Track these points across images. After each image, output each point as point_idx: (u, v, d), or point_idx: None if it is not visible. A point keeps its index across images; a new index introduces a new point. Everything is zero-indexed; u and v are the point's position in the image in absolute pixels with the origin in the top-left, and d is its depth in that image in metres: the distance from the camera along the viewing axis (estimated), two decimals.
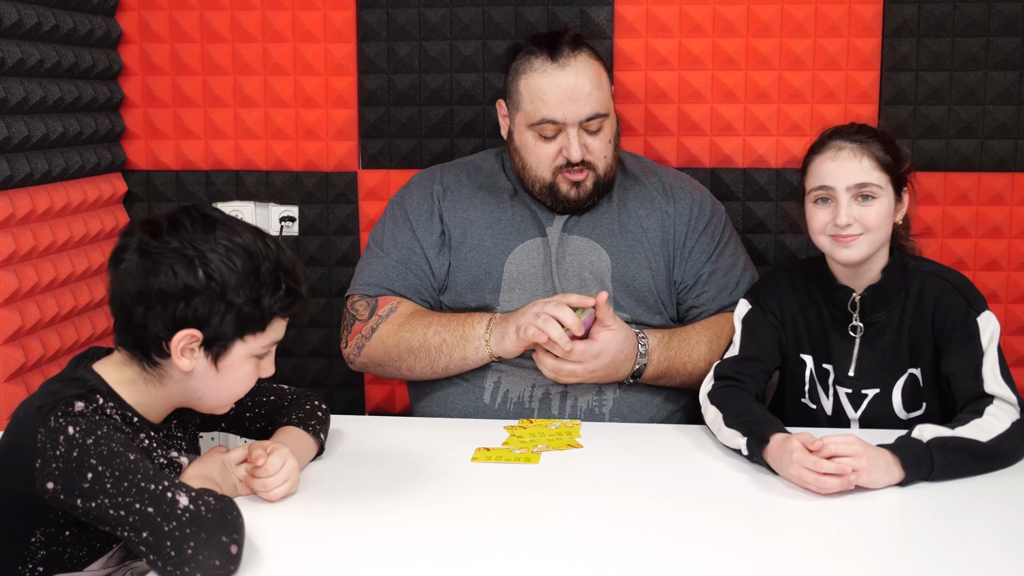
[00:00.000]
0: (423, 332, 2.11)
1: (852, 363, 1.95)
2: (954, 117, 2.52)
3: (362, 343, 2.17)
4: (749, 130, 2.57)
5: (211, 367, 1.51)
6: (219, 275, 1.45)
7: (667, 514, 1.60)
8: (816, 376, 1.99)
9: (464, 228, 2.22)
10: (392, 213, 2.29)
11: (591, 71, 2.13)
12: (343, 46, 2.62)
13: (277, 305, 1.50)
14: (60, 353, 2.36)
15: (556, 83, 2.11)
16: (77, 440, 1.38)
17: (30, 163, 2.26)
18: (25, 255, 2.24)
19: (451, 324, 2.10)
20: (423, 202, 2.25)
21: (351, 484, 1.69)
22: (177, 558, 1.32)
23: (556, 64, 2.12)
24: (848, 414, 1.96)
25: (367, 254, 2.28)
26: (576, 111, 2.11)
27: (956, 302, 1.89)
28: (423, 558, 1.44)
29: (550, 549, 1.47)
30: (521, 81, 2.15)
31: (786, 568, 1.42)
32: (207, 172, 2.70)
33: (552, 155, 2.14)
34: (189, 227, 1.47)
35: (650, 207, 2.25)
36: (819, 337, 1.99)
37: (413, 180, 2.33)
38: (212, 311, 1.46)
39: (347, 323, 2.21)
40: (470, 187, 2.27)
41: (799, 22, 2.52)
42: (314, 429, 1.75)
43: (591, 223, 2.22)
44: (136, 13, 2.64)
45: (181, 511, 1.34)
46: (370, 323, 2.16)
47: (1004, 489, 1.68)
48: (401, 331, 2.12)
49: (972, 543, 1.49)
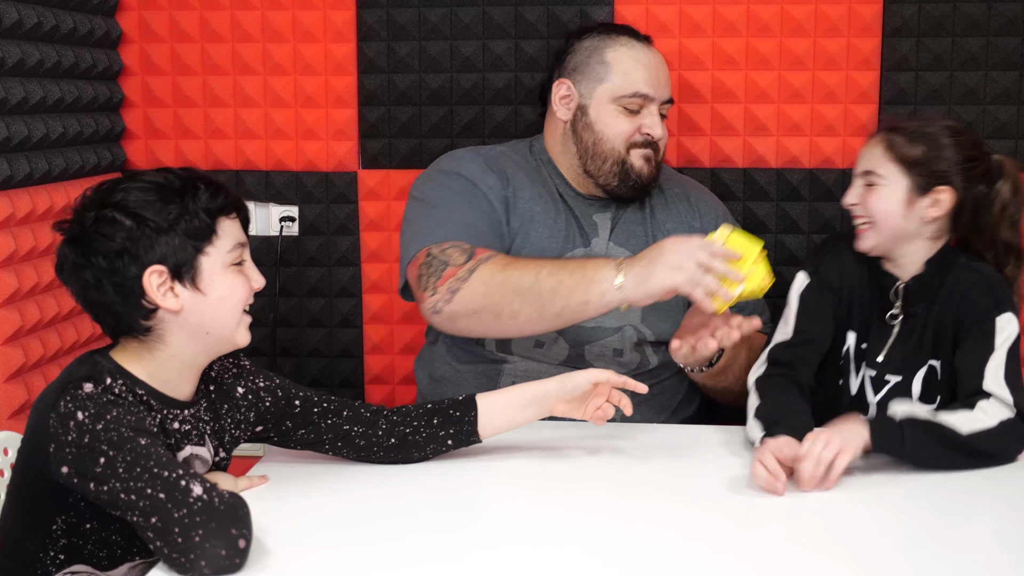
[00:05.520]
0: (535, 272, 1.92)
1: (885, 350, 1.96)
2: (954, 117, 2.51)
3: (457, 286, 1.95)
4: (749, 130, 2.57)
5: (196, 293, 1.51)
6: (145, 210, 1.48)
7: (667, 515, 1.60)
8: (853, 355, 1.99)
9: (525, 223, 2.13)
10: (450, 185, 2.13)
11: (663, 59, 2.19)
12: (343, 46, 2.62)
13: (206, 202, 1.52)
14: (60, 353, 2.36)
15: (648, 58, 2.15)
16: (87, 425, 1.39)
17: (30, 163, 2.26)
18: (25, 255, 2.24)
19: (568, 265, 1.93)
20: (489, 178, 2.14)
21: (354, 483, 1.69)
22: (184, 544, 1.32)
23: (643, 44, 2.16)
24: (868, 397, 1.97)
25: (432, 214, 2.09)
26: (661, 91, 2.15)
27: (982, 298, 1.88)
28: (427, 559, 1.44)
29: (554, 550, 1.47)
30: (607, 54, 2.14)
31: (785, 568, 1.42)
32: (207, 172, 2.69)
33: (630, 131, 2.13)
34: (95, 196, 1.51)
35: (677, 221, 2.23)
36: (865, 316, 1.99)
37: (461, 156, 2.21)
38: (157, 243, 1.48)
39: (432, 271, 1.99)
40: (527, 180, 2.19)
41: (799, 22, 2.52)
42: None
43: (627, 234, 2.18)
44: (136, 13, 2.64)
45: (193, 499, 1.34)
46: (468, 265, 1.96)
47: (1004, 489, 1.68)
48: (508, 269, 1.94)
49: (973, 543, 1.49)
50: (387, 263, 2.69)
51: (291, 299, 2.73)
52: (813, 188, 2.58)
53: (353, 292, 2.71)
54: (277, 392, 1.70)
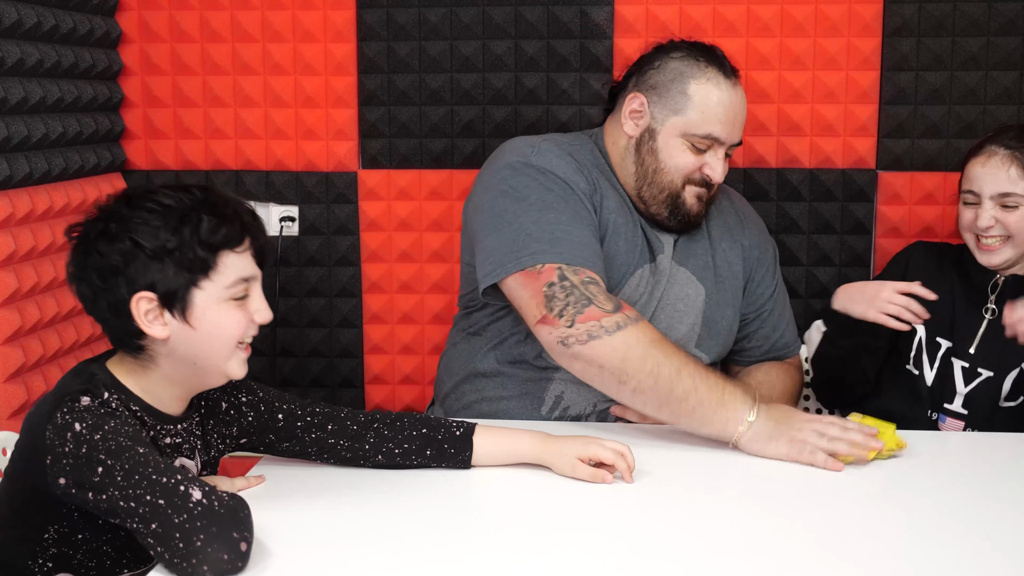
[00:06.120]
0: (678, 367, 1.83)
1: (976, 340, 1.98)
2: (954, 117, 2.52)
3: (598, 334, 1.85)
4: (749, 130, 2.57)
5: (184, 325, 1.48)
6: (142, 235, 1.45)
7: (670, 516, 1.60)
8: (925, 346, 2.02)
9: (608, 234, 2.05)
10: (549, 187, 2.01)
11: (745, 98, 2.10)
12: (343, 46, 2.62)
13: (205, 235, 1.47)
14: (60, 353, 2.36)
15: (730, 101, 2.04)
16: (85, 436, 1.39)
17: (30, 163, 2.26)
18: (25, 255, 2.24)
19: (709, 379, 1.83)
20: (582, 181, 2.04)
21: (354, 483, 1.69)
22: (185, 550, 1.32)
23: (730, 82, 2.05)
24: (958, 387, 2.00)
25: (542, 219, 1.97)
26: (735, 135, 2.07)
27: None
28: (427, 559, 1.44)
29: (554, 550, 1.47)
30: (691, 85, 2.03)
31: (785, 568, 1.42)
32: (207, 172, 2.70)
33: (692, 168, 2.05)
34: (107, 208, 1.49)
35: (730, 239, 2.20)
36: (942, 313, 2.02)
37: (547, 151, 2.07)
38: (151, 269, 1.46)
39: (571, 300, 1.88)
40: (609, 186, 2.10)
41: (799, 22, 2.52)
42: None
43: (687, 252, 2.14)
44: (136, 13, 2.64)
45: (193, 504, 1.34)
46: (615, 318, 1.86)
47: (1005, 489, 1.68)
48: (654, 347, 1.84)
49: (973, 543, 1.49)
50: (387, 263, 2.69)
51: (291, 299, 2.73)
52: (813, 188, 2.58)
53: (353, 292, 2.71)
54: (260, 407, 1.69)
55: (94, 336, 2.50)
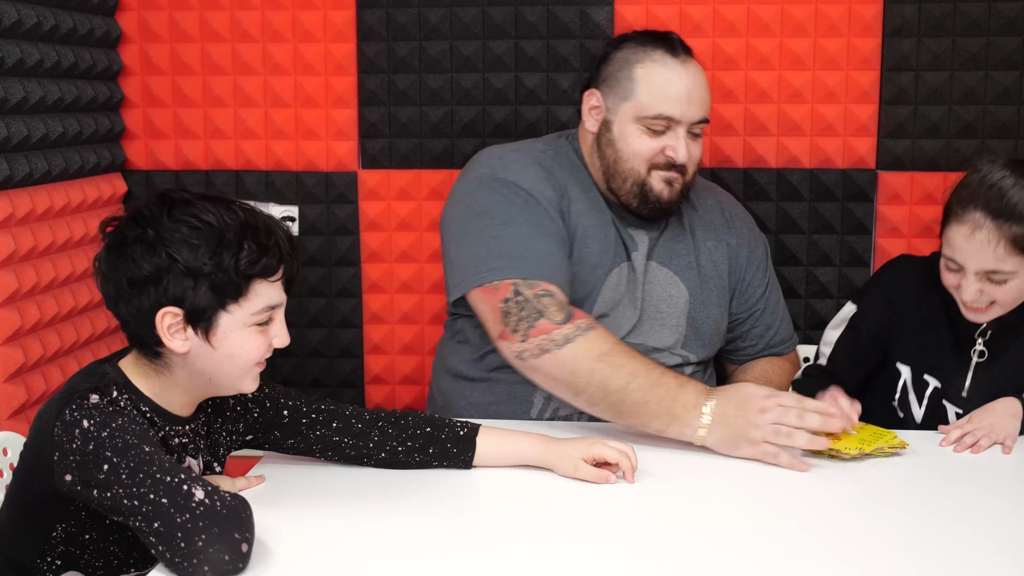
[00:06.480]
0: (626, 379, 1.84)
1: (967, 384, 1.95)
2: (954, 117, 2.52)
3: (548, 347, 1.89)
4: (749, 130, 2.57)
5: (205, 344, 1.49)
6: (180, 251, 1.44)
7: (671, 516, 1.60)
8: (912, 384, 1.98)
9: (578, 237, 2.05)
10: (512, 200, 2.03)
11: (703, 74, 2.08)
12: (343, 46, 2.62)
13: (244, 265, 1.47)
14: (60, 353, 2.36)
15: (679, 78, 2.03)
16: (92, 433, 1.39)
17: (30, 163, 2.26)
18: (25, 255, 2.24)
19: (659, 388, 1.83)
20: (548, 190, 2.05)
21: (354, 483, 1.69)
22: (187, 549, 1.32)
23: (677, 60, 2.04)
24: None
25: (503, 234, 1.99)
26: (691, 112, 2.03)
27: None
28: (427, 559, 1.44)
29: (554, 550, 1.47)
30: (637, 70, 2.04)
31: (785, 568, 1.42)
32: (207, 172, 2.70)
33: (653, 151, 2.04)
34: (148, 213, 1.47)
35: (716, 238, 2.19)
36: (928, 350, 1.97)
37: (514, 162, 2.09)
38: (183, 286, 1.45)
39: (524, 315, 1.92)
40: (580, 189, 2.10)
41: (799, 22, 2.52)
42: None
43: (669, 252, 2.14)
44: (136, 13, 2.64)
45: (196, 504, 1.34)
46: (564, 331, 1.89)
47: (1005, 489, 1.68)
48: (602, 361, 1.87)
49: (974, 543, 1.49)
50: (387, 263, 2.69)
51: (291, 299, 2.72)
52: (813, 188, 2.58)
53: (353, 292, 2.71)
54: (265, 403, 1.70)
55: (94, 336, 2.50)
